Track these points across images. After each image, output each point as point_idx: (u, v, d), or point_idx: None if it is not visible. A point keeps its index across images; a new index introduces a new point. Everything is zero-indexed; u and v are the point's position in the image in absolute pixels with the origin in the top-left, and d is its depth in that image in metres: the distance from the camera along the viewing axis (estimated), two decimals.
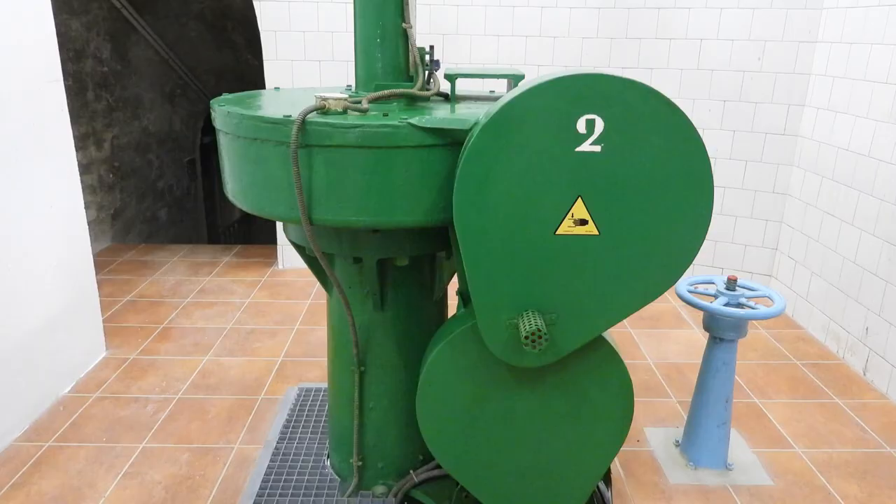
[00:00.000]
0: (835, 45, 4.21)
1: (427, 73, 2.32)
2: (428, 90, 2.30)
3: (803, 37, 4.43)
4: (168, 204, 7.81)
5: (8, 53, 3.07)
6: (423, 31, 4.75)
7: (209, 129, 8.17)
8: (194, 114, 8.49)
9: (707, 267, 5.03)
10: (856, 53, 3.98)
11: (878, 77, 3.76)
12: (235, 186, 2.15)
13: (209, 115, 8.29)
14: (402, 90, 2.19)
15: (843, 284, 4.04)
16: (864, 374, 3.82)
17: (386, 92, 2.15)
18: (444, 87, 2.43)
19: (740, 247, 4.95)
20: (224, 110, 2.04)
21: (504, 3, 4.82)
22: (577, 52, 4.87)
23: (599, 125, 1.65)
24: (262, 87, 5.02)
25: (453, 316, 2.22)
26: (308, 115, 1.87)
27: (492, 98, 2.43)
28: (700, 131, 4.70)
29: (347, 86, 2.75)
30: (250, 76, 7.96)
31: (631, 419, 2.05)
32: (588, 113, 1.64)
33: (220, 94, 2.45)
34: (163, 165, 7.68)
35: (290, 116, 1.88)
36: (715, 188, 1.76)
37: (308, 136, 1.86)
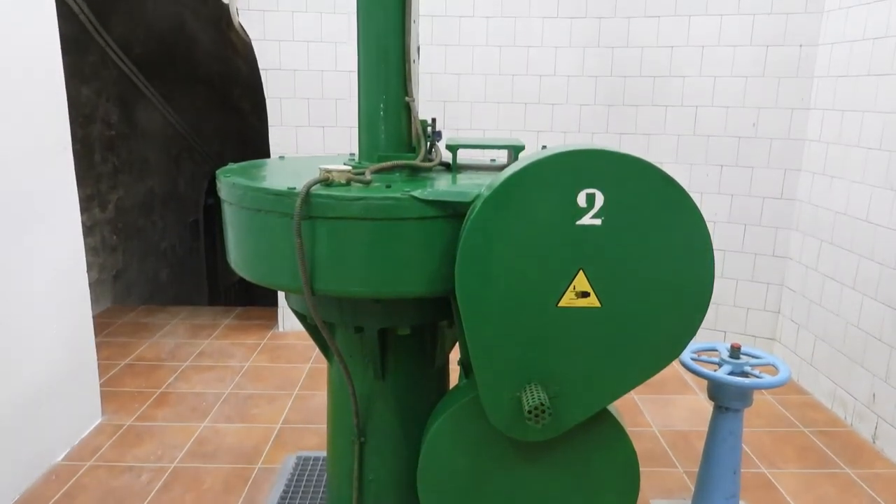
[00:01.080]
0: (827, 111, 4.31)
1: (429, 143, 2.36)
2: (430, 160, 2.34)
3: (796, 104, 4.54)
4: (170, 264, 7.84)
5: (21, 121, 3.14)
6: (425, 97, 4.87)
7: (213, 190, 8.27)
8: (199, 175, 8.61)
9: (710, 330, 5.00)
10: (848, 120, 4.06)
11: (871, 143, 3.83)
12: (238, 256, 2.16)
13: (213, 176, 8.41)
14: (404, 161, 2.23)
15: (847, 349, 4.01)
16: (874, 442, 3.75)
17: (388, 164, 2.19)
18: (446, 155, 2.47)
19: (742, 310, 4.94)
20: (229, 181, 2.07)
21: (504, 72, 4.96)
22: (576, 118, 4.98)
23: (599, 199, 1.67)
24: (267, 150, 5.11)
25: (455, 387, 2.19)
26: (312, 188, 1.89)
27: (493, 167, 2.47)
28: (699, 195, 4.80)
29: (350, 154, 2.80)
30: (255, 139, 8.11)
31: (637, 493, 2.00)
32: (588, 187, 1.67)
33: (225, 156, 2.49)
34: (166, 226, 7.75)
35: (294, 189, 1.90)
36: (715, 251, 1.77)
37: (312, 208, 1.88)
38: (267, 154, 5.16)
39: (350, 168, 2.04)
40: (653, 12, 4.70)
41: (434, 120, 2.38)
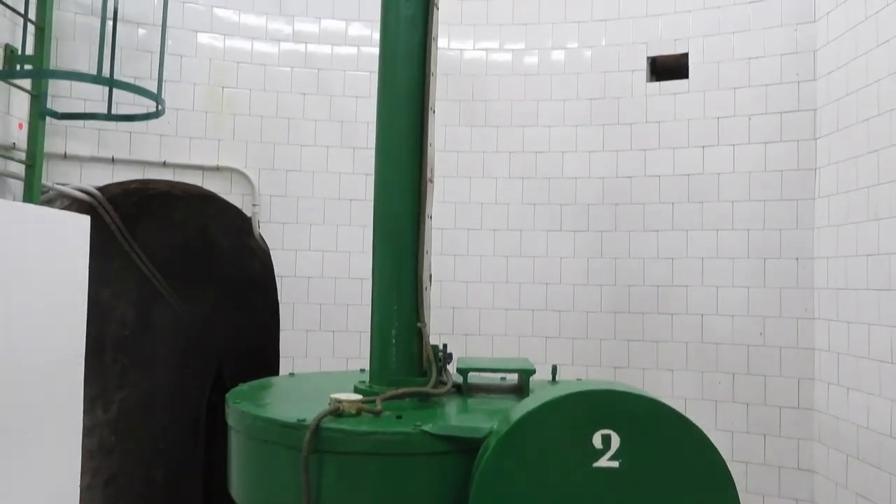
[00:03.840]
0: (832, 322, 4.35)
1: (440, 367, 2.38)
2: (442, 383, 2.34)
3: (800, 313, 4.60)
4: (166, 463, 7.52)
5: (40, 334, 3.20)
6: (435, 304, 4.98)
7: (217, 387, 8.19)
8: (206, 369, 8.58)
9: None
10: (855, 332, 4.09)
11: (882, 356, 3.82)
12: (241, 485, 2.08)
13: (220, 372, 8.35)
14: (415, 388, 2.22)
15: None
16: None
17: (399, 391, 2.18)
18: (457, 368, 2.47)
19: None
20: (238, 409, 2.06)
21: (511, 280, 5.13)
22: (583, 325, 5.05)
23: (616, 440, 1.64)
24: (277, 345, 5.15)
25: None
26: (322, 420, 1.87)
27: (504, 388, 2.46)
28: (712, 404, 4.70)
29: (361, 370, 2.81)
30: (265, 338, 8.19)
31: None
32: (604, 428, 1.64)
33: (235, 351, 2.49)
34: (167, 425, 7.56)
35: (304, 420, 1.88)
36: (736, 464, 1.70)
37: (321, 442, 1.85)
38: (276, 351, 5.18)
39: (360, 398, 2.03)
40: (651, 227, 4.97)
41: (445, 346, 2.41)
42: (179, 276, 7.19)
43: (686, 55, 4.92)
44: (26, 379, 3.14)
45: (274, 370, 5.17)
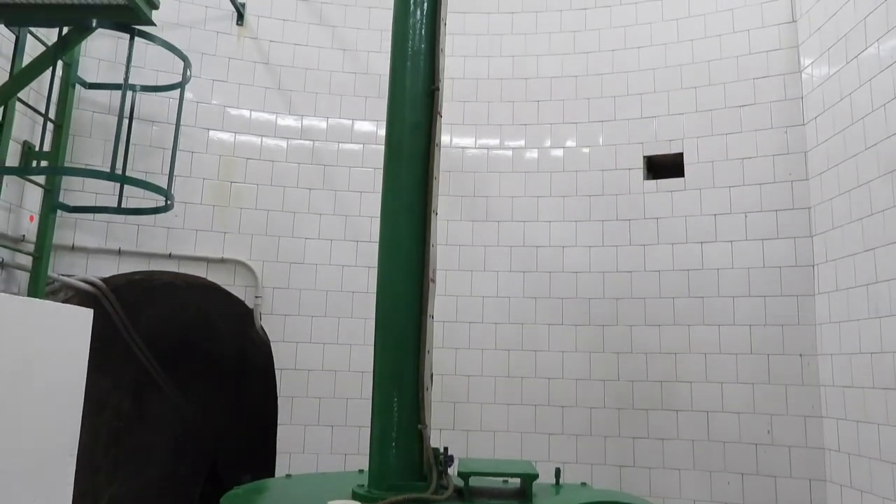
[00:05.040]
0: (840, 421, 4.27)
1: (440, 471, 2.32)
2: (443, 488, 2.28)
3: (807, 411, 4.52)
4: None
5: (32, 427, 3.15)
6: (435, 398, 4.91)
7: (212, 477, 7.94)
8: (199, 466, 8.33)
9: None
10: (864, 431, 4.00)
11: (894, 458, 3.72)
12: None
13: (215, 464, 8.10)
14: (415, 495, 2.17)
15: None
16: None
17: (400, 498, 2.13)
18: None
19: None
20: None
21: (513, 374, 5.08)
22: (586, 421, 4.95)
23: None
24: (273, 446, 5.02)
25: None
26: None
27: (507, 493, 2.39)
28: None
29: (360, 471, 2.74)
30: (263, 432, 8.01)
31: None
32: None
33: (232, 440, 2.43)
34: None
35: None
36: None
37: None
38: (273, 446, 5.05)
39: None
40: (653, 321, 4.96)
41: (446, 448, 2.37)
42: (179, 367, 7.12)
43: (681, 154, 5.08)
44: (14, 470, 3.06)
45: (270, 466, 5.04)
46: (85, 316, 3.57)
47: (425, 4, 2.81)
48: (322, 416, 5.04)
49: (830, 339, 4.40)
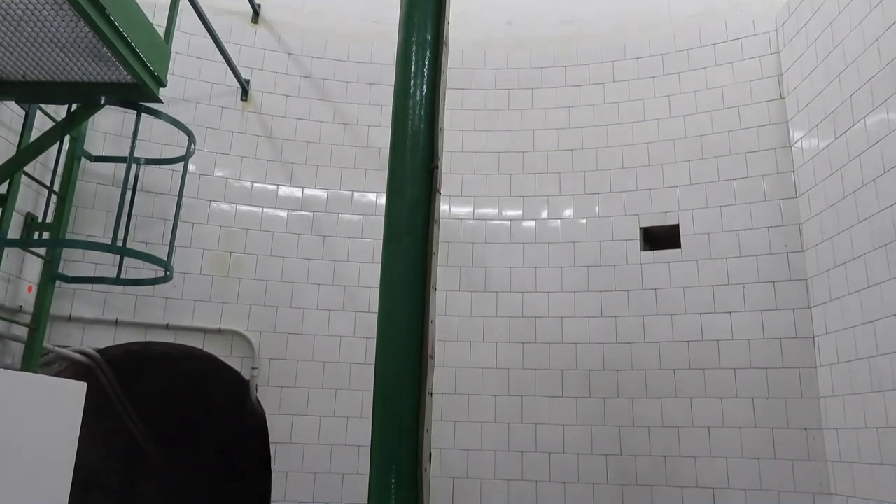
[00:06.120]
0: (850, 498, 4.16)
1: None
2: None
3: (815, 488, 4.41)
4: None
5: (16, 495, 3.05)
6: (434, 473, 4.79)
7: None
8: None
9: None
10: (880, 475, 3.89)
11: None
12: None
13: None
14: None
15: None
16: None
17: None
18: None
19: None
20: None
21: (513, 448, 4.97)
22: (589, 498, 4.81)
23: None
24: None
25: None
26: None
27: None
28: None
29: None
30: (256, 491, 7.77)
31: None
32: None
33: None
34: None
35: None
36: None
37: None
38: None
39: None
40: (654, 394, 4.89)
41: None
42: (172, 440, 6.96)
43: (677, 226, 5.14)
44: None
45: None
46: (77, 389, 3.51)
47: (425, 86, 2.90)
48: (317, 492, 4.90)
49: (835, 413, 4.33)
